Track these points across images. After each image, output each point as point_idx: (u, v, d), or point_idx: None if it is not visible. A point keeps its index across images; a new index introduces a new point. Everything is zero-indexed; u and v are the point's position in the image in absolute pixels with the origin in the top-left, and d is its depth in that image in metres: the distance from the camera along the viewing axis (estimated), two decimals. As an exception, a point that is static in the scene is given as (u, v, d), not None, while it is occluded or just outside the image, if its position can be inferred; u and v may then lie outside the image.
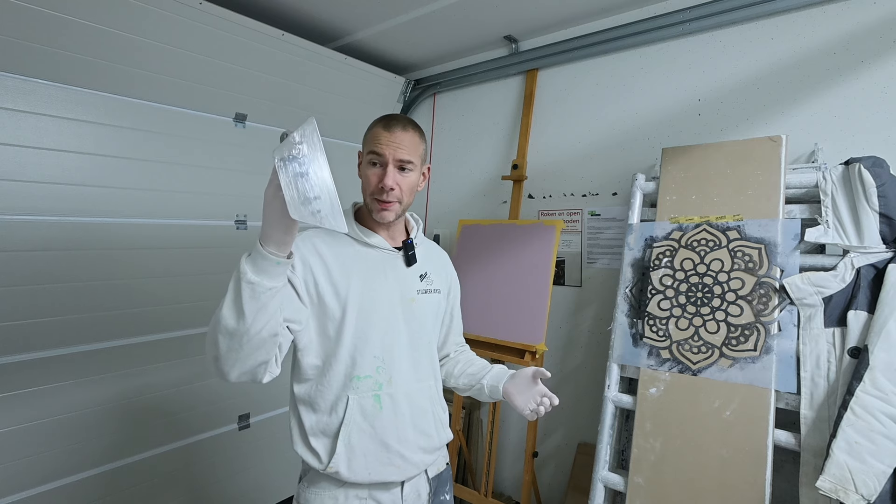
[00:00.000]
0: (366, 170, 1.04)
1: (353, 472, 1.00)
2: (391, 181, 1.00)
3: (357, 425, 1.00)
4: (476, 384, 1.21)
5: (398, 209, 1.04)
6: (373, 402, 1.02)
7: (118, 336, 1.81)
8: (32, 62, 1.52)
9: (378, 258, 1.07)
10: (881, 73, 1.53)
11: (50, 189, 1.61)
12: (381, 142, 1.01)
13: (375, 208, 1.03)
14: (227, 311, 0.80)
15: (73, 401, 1.71)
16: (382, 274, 1.06)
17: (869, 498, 1.15)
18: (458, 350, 1.33)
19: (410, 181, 1.05)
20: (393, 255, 1.09)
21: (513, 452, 2.37)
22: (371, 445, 1.01)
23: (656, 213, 1.69)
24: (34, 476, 1.64)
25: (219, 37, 1.83)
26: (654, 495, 1.46)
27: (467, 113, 2.62)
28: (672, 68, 1.94)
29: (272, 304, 0.82)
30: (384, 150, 1.01)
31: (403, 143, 1.02)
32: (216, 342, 0.83)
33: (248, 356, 0.84)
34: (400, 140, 1.02)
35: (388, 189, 1.00)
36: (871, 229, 1.32)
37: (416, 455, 1.07)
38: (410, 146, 1.03)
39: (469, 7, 2.00)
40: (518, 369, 1.17)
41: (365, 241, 1.06)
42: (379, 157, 1.02)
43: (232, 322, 0.80)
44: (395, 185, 1.01)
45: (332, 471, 0.99)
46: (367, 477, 1.01)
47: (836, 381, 1.29)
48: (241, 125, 2.13)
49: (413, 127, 1.06)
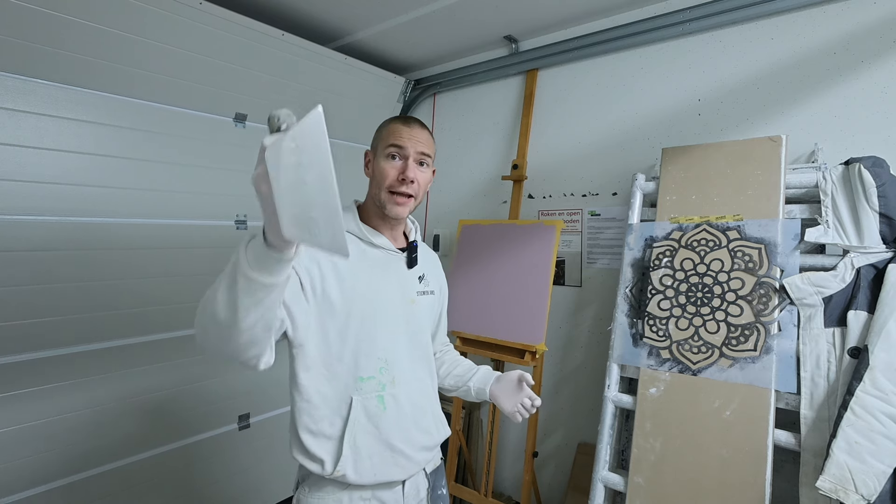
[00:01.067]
0: (383, 164, 1.04)
1: (359, 474, 0.99)
2: (412, 173, 1.02)
3: (362, 427, 1.00)
4: (462, 386, 1.24)
5: (412, 205, 1.06)
6: (377, 403, 1.01)
7: (118, 336, 1.81)
8: (32, 62, 1.52)
9: (382, 259, 1.07)
10: (881, 73, 1.53)
11: (50, 189, 1.61)
12: (403, 136, 1.03)
13: (390, 202, 1.03)
14: (220, 299, 0.72)
15: (73, 401, 1.71)
16: (386, 275, 1.06)
17: (869, 498, 1.15)
18: (443, 350, 1.34)
19: (426, 177, 1.08)
20: (397, 257, 1.10)
21: (513, 452, 2.37)
22: (376, 446, 1.01)
23: (656, 213, 1.69)
24: (34, 476, 1.64)
25: (219, 37, 1.83)
26: (654, 495, 1.46)
27: (467, 113, 2.62)
28: (672, 68, 1.94)
29: (269, 299, 0.73)
30: (406, 143, 1.03)
31: (422, 138, 1.05)
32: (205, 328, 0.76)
33: (237, 350, 0.77)
34: (419, 135, 1.05)
35: (409, 181, 1.02)
36: (871, 229, 1.32)
37: (419, 454, 1.08)
38: (428, 142, 1.07)
39: (469, 7, 2.00)
40: (513, 369, 1.19)
41: (370, 241, 1.06)
42: (400, 149, 1.03)
43: (222, 313, 0.72)
44: (415, 178, 1.03)
45: (338, 474, 0.97)
46: (372, 478, 1.00)
47: (836, 381, 1.29)
48: (241, 125, 2.13)
49: (427, 128, 1.09)
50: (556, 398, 2.22)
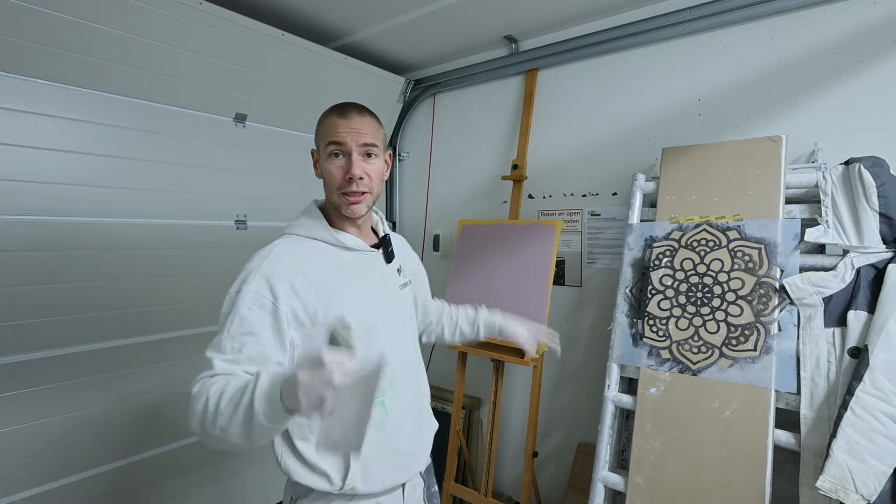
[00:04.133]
0: (327, 164, 0.96)
1: (368, 484, 0.96)
2: (359, 170, 0.94)
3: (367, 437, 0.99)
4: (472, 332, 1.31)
5: (369, 200, 0.99)
6: (379, 410, 0.99)
7: (118, 336, 1.81)
8: (32, 62, 1.52)
9: (360, 262, 1.02)
10: (881, 73, 1.53)
11: (50, 189, 1.61)
12: (340, 130, 0.94)
13: (345, 203, 0.96)
14: (233, 432, 0.75)
15: (72, 401, 1.71)
16: (370, 278, 1.02)
17: (869, 498, 1.15)
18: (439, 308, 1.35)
19: (378, 167, 0.99)
20: (373, 255, 1.05)
21: (513, 452, 2.37)
22: (384, 453, 0.98)
23: (656, 213, 1.69)
24: (34, 476, 1.64)
25: (219, 37, 1.83)
26: (654, 495, 1.46)
27: (467, 113, 2.62)
28: (672, 68, 1.93)
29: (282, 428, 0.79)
30: (345, 138, 0.93)
31: (363, 127, 0.95)
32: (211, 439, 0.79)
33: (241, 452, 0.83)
34: (359, 125, 0.95)
35: (356, 178, 0.94)
36: (871, 229, 1.32)
37: (420, 449, 1.07)
38: (371, 130, 0.97)
39: (469, 7, 2.00)
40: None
41: (345, 246, 1.00)
42: (340, 146, 0.94)
43: (236, 440, 0.77)
44: (364, 173, 0.95)
45: (348, 488, 0.93)
46: (381, 485, 0.98)
47: (836, 381, 1.29)
48: (241, 125, 2.13)
49: (368, 111, 0.99)
50: (556, 398, 2.22)
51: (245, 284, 0.89)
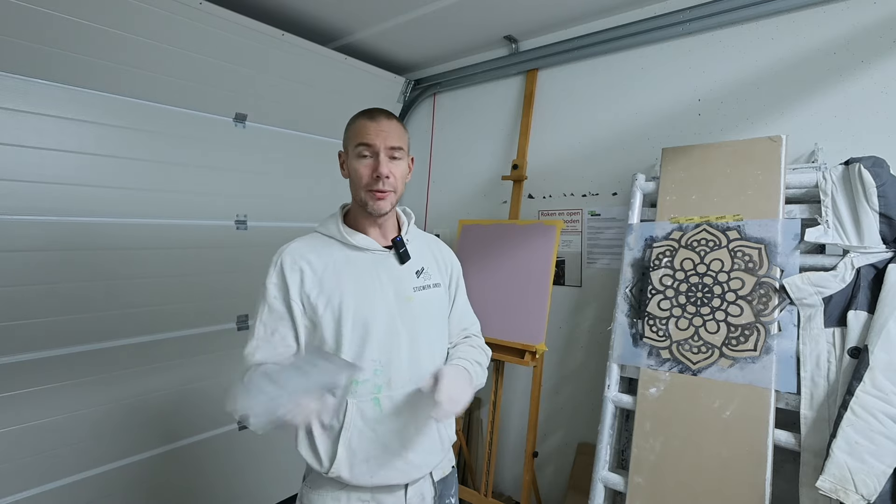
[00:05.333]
0: (355, 164, 1.03)
1: (354, 475, 1.00)
2: (386, 169, 1.01)
3: (358, 429, 1.00)
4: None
5: (394, 199, 1.05)
6: (373, 406, 1.01)
7: (118, 336, 1.81)
8: (32, 62, 1.52)
9: (369, 261, 1.06)
10: (881, 73, 1.53)
11: (50, 189, 1.61)
12: (370, 132, 1.01)
13: (371, 200, 1.02)
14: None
15: (72, 401, 1.71)
16: (376, 277, 1.05)
17: (869, 498, 1.15)
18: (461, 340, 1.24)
19: (402, 169, 1.06)
20: (384, 255, 1.08)
21: (513, 452, 2.37)
22: (373, 449, 1.00)
23: (656, 213, 1.69)
24: (34, 476, 1.64)
25: (219, 37, 1.83)
26: (654, 495, 1.46)
27: (467, 113, 2.62)
28: (672, 68, 1.93)
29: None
30: (374, 140, 1.01)
31: (391, 131, 1.03)
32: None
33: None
34: (388, 129, 1.02)
35: (383, 177, 1.00)
36: (871, 229, 1.32)
37: (419, 456, 1.05)
38: (398, 134, 1.04)
39: (469, 7, 2.00)
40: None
41: (353, 245, 1.05)
42: (369, 147, 1.01)
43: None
44: (390, 172, 1.02)
45: (333, 474, 0.99)
46: (369, 480, 1.00)
47: (836, 381, 1.29)
48: (241, 125, 2.13)
49: (396, 117, 1.07)
50: (556, 398, 2.22)
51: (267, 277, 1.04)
